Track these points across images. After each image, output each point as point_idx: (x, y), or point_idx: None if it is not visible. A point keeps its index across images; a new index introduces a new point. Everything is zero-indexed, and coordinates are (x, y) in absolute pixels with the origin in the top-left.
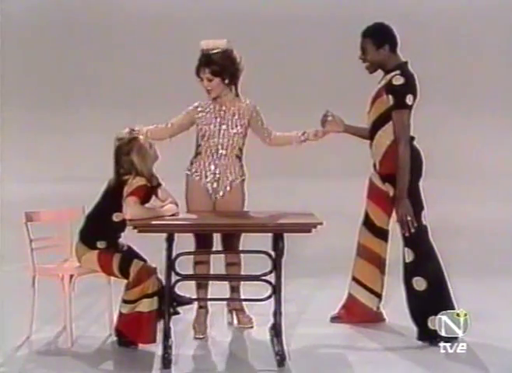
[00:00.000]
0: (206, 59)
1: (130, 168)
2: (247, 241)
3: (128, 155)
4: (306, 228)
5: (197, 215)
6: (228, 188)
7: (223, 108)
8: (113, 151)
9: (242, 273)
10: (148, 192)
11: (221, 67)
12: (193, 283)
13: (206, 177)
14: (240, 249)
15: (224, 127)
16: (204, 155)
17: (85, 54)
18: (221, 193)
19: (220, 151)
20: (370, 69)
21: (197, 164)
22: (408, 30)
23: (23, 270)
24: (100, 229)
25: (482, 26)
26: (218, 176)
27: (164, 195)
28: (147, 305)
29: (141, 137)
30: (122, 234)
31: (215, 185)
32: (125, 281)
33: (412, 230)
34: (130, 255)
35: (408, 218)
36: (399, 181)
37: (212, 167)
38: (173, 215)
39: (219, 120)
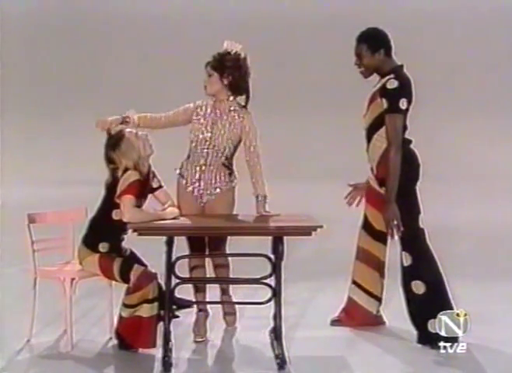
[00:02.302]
0: (214, 56)
1: (118, 161)
2: (246, 244)
3: (114, 149)
4: (306, 231)
5: (196, 218)
6: (212, 195)
7: (218, 115)
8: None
9: (241, 276)
10: (141, 186)
11: (223, 64)
12: (191, 287)
13: (192, 182)
14: (239, 252)
15: (211, 135)
16: (192, 159)
17: (86, 58)
18: (205, 200)
19: (205, 159)
20: (365, 74)
21: (185, 167)
22: (405, 34)
23: (24, 273)
24: (102, 231)
25: (479, 29)
26: (202, 182)
27: (165, 198)
28: (147, 310)
29: (128, 130)
30: (125, 237)
31: (199, 191)
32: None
33: (398, 234)
34: (131, 260)
35: (395, 222)
36: (388, 185)
37: (197, 174)
38: (174, 218)
39: (209, 128)
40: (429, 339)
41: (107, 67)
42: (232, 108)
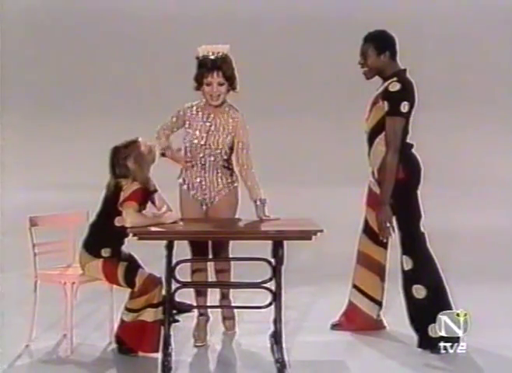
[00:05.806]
0: (216, 63)
1: (126, 172)
2: (246, 248)
3: (125, 159)
4: (306, 235)
5: (196, 223)
6: (216, 198)
7: (211, 118)
8: (110, 152)
9: (242, 280)
10: (144, 194)
11: (232, 71)
12: (192, 291)
13: (194, 188)
14: (239, 256)
15: (206, 140)
16: (190, 164)
17: (87, 61)
18: (210, 203)
19: (204, 163)
20: (368, 75)
21: (185, 174)
22: (407, 37)
23: (24, 278)
24: (104, 236)
25: (481, 32)
26: (204, 187)
27: (160, 202)
28: (151, 315)
29: (140, 139)
30: (126, 240)
31: (202, 195)
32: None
33: (390, 237)
34: (135, 264)
35: (387, 225)
36: (383, 187)
37: (199, 179)
38: (174, 222)
39: (204, 132)
40: (429, 343)
41: (108, 73)
42: (223, 109)
